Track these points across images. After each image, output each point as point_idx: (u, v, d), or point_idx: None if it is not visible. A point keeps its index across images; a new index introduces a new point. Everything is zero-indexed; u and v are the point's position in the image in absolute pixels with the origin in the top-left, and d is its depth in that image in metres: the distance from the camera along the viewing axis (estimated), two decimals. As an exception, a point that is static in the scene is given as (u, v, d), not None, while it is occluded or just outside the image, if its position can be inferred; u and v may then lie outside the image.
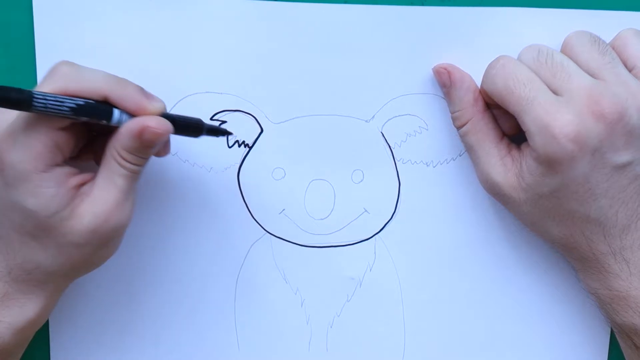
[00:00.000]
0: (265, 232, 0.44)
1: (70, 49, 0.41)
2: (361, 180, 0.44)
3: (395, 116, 0.43)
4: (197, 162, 0.43)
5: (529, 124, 0.37)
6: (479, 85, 0.41)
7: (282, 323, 0.45)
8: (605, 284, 0.39)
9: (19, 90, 0.33)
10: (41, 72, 0.41)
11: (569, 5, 0.42)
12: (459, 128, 0.41)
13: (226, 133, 0.41)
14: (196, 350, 0.45)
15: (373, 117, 0.43)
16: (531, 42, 0.40)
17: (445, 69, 0.41)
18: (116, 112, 0.35)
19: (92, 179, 0.37)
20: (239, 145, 0.43)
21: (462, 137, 0.41)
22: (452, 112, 0.42)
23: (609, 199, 0.37)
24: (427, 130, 0.43)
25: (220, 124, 0.42)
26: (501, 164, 0.40)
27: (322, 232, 0.44)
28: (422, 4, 0.42)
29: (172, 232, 0.44)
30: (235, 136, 0.42)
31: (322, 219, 0.44)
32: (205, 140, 0.41)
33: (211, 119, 0.42)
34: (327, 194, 0.44)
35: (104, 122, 0.35)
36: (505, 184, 0.40)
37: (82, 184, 0.36)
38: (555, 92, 0.37)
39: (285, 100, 0.43)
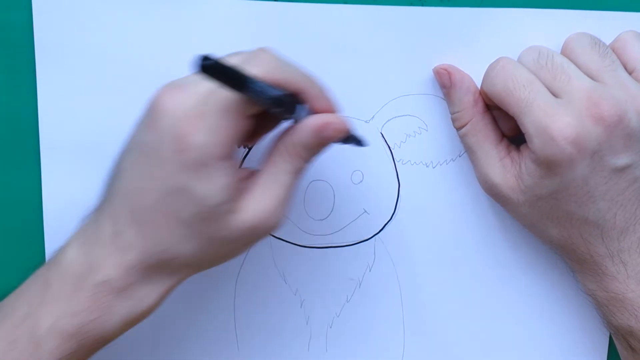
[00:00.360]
0: (264, 232, 0.44)
1: (69, 49, 0.41)
2: (361, 181, 0.44)
3: (395, 117, 0.43)
4: (197, 162, 0.43)
5: (528, 126, 0.37)
6: (479, 87, 0.41)
7: (281, 323, 0.45)
8: (603, 286, 0.39)
9: (237, 72, 0.31)
10: (41, 72, 0.41)
11: (569, 6, 0.41)
12: (458, 129, 0.41)
13: (363, 144, 0.40)
14: (196, 350, 0.45)
15: (373, 117, 0.43)
16: (531, 43, 0.40)
17: (446, 69, 0.41)
18: (300, 108, 0.34)
19: (252, 176, 0.35)
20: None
21: (462, 138, 0.41)
22: (452, 113, 0.42)
23: (608, 201, 0.37)
24: (426, 131, 0.43)
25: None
26: (500, 165, 0.40)
27: (322, 232, 0.44)
28: (422, 5, 0.42)
29: (172, 232, 0.44)
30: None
31: (321, 220, 0.44)
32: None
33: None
34: (326, 194, 0.44)
35: (289, 116, 0.34)
36: (504, 185, 0.40)
37: (245, 179, 0.35)
38: (555, 94, 0.37)
39: (285, 101, 0.43)
